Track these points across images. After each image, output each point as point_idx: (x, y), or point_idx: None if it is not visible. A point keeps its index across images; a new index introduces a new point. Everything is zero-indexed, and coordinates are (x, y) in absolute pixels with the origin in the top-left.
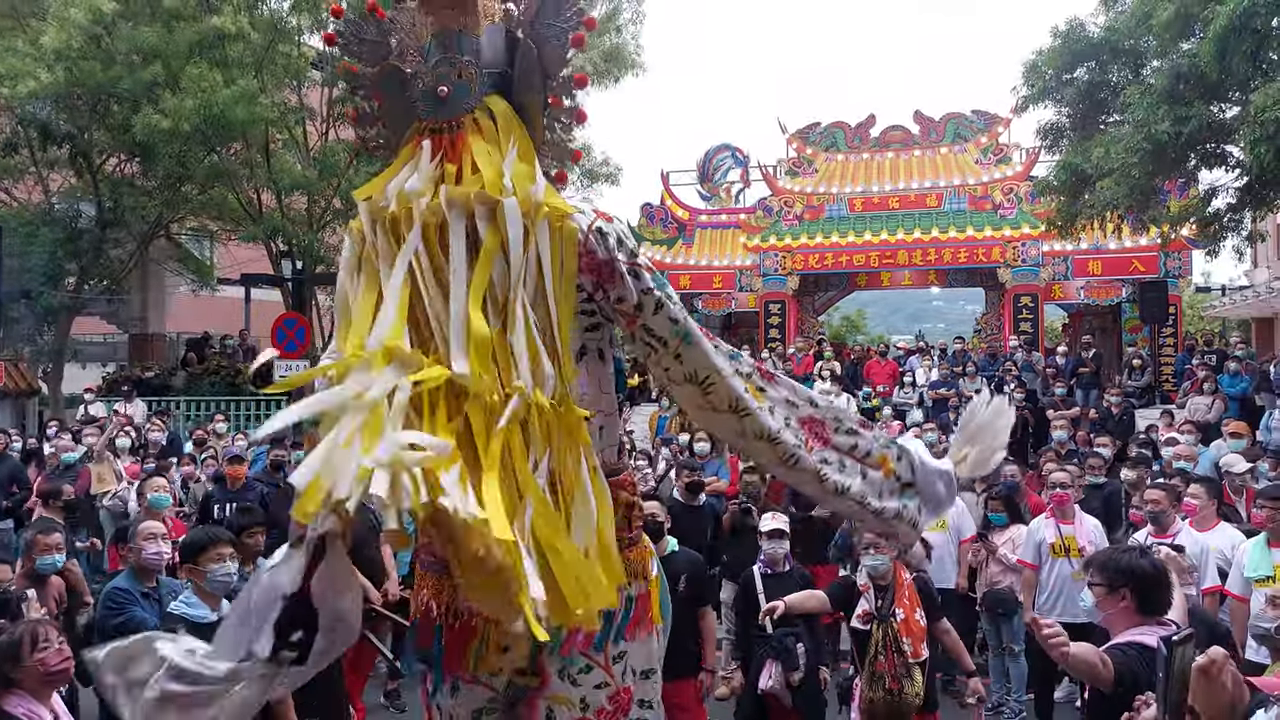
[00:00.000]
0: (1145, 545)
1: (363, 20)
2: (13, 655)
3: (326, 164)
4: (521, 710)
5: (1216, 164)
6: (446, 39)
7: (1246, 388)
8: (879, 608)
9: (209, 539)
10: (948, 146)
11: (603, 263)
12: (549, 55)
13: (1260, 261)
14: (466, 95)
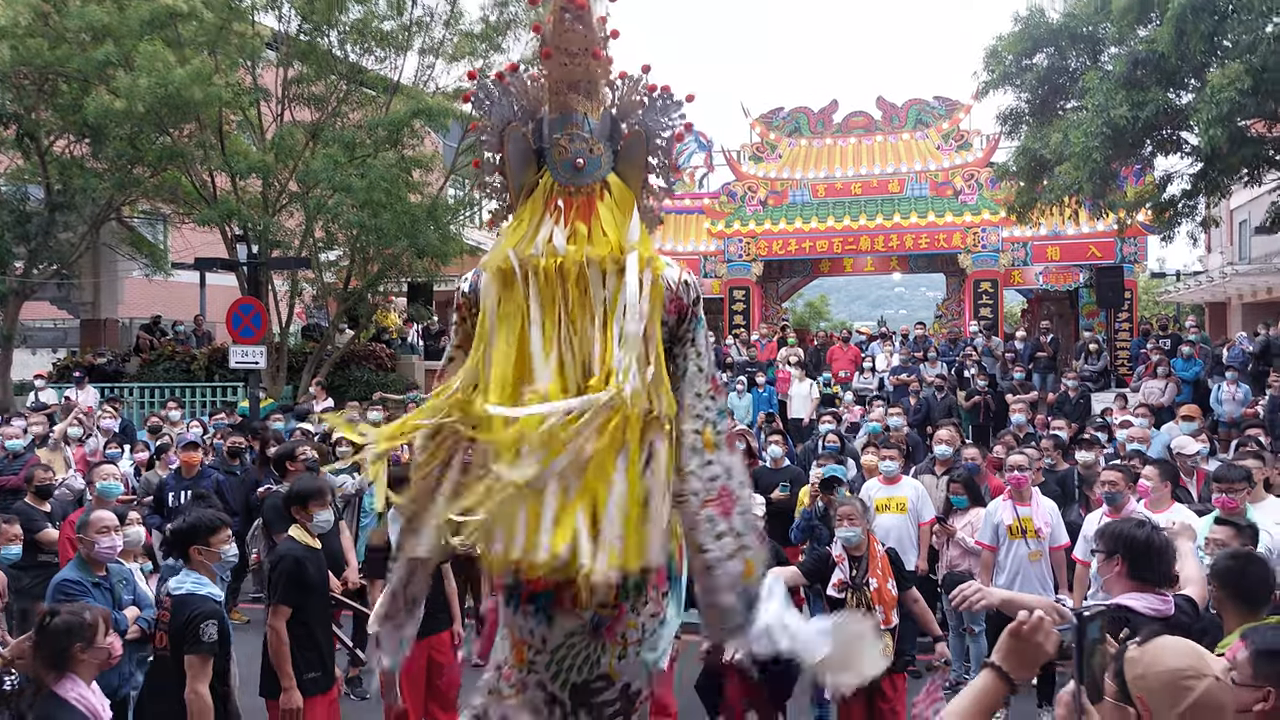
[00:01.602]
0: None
1: (491, 84)
2: (87, 637)
3: (282, 147)
4: (606, 631)
5: (1172, 150)
6: (572, 117)
7: (1199, 371)
8: (854, 577)
9: (219, 521)
10: (909, 132)
11: (685, 306)
12: (655, 145)
13: (1214, 247)
14: (597, 168)
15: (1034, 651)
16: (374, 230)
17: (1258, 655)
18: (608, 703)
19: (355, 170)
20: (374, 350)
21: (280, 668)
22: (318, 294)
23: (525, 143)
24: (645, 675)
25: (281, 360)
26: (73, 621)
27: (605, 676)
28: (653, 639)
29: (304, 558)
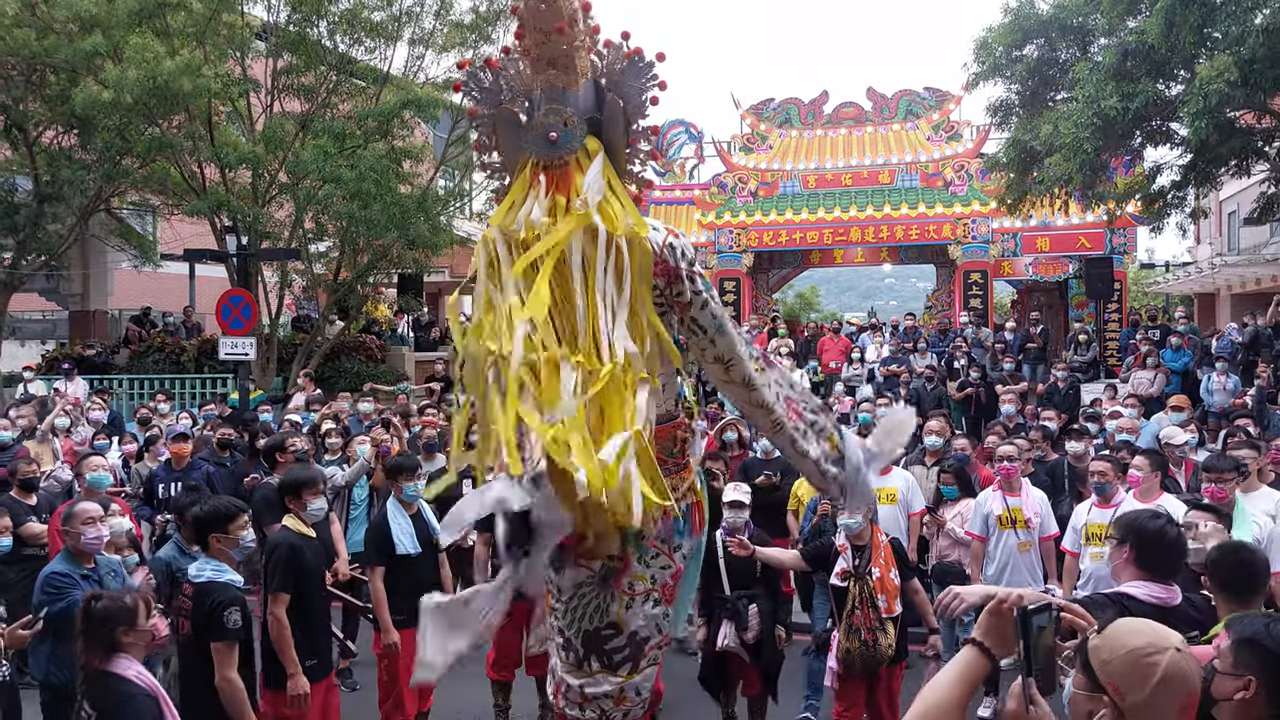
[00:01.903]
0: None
1: (480, 70)
2: (130, 620)
3: (272, 138)
4: (613, 582)
5: (1161, 141)
6: (553, 93)
7: (1188, 362)
8: (857, 566)
9: (237, 509)
10: (900, 123)
11: (672, 269)
12: (632, 108)
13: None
14: (570, 140)
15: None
16: (364, 221)
17: (1238, 643)
18: (617, 649)
19: (345, 161)
20: (364, 341)
21: (284, 654)
22: (307, 285)
23: (516, 122)
24: (655, 626)
25: (271, 352)
26: (114, 607)
27: (614, 625)
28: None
29: (299, 545)
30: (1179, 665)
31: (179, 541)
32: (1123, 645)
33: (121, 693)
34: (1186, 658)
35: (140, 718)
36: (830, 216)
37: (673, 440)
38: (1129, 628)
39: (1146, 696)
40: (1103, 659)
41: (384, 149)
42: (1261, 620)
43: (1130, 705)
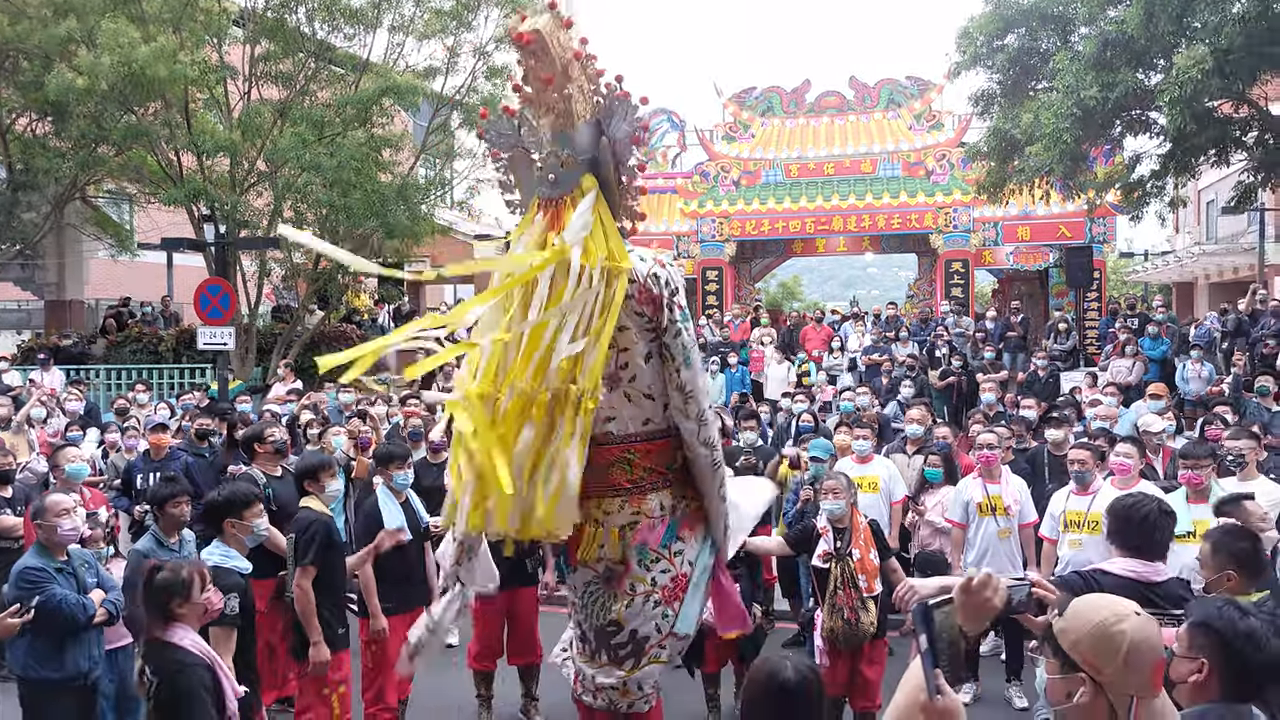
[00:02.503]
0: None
1: (500, 118)
2: (184, 592)
3: (249, 125)
4: (615, 583)
5: (1141, 131)
6: (557, 135)
7: (1166, 350)
8: (838, 548)
9: (252, 495)
10: (882, 112)
11: (655, 297)
12: (618, 148)
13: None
14: (567, 180)
15: (983, 605)
16: (343, 210)
17: (1192, 626)
18: (620, 645)
19: (324, 149)
20: (344, 331)
21: (308, 624)
22: (287, 274)
23: (530, 164)
24: (655, 626)
25: (250, 341)
26: (170, 579)
27: (615, 622)
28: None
29: (329, 523)
30: (1143, 629)
31: (156, 533)
32: (1086, 621)
33: (177, 661)
34: (1148, 621)
35: (195, 686)
36: (812, 205)
37: (674, 455)
38: (1087, 604)
39: (1121, 665)
40: (1071, 640)
41: (363, 137)
42: (1216, 603)
43: (1108, 678)
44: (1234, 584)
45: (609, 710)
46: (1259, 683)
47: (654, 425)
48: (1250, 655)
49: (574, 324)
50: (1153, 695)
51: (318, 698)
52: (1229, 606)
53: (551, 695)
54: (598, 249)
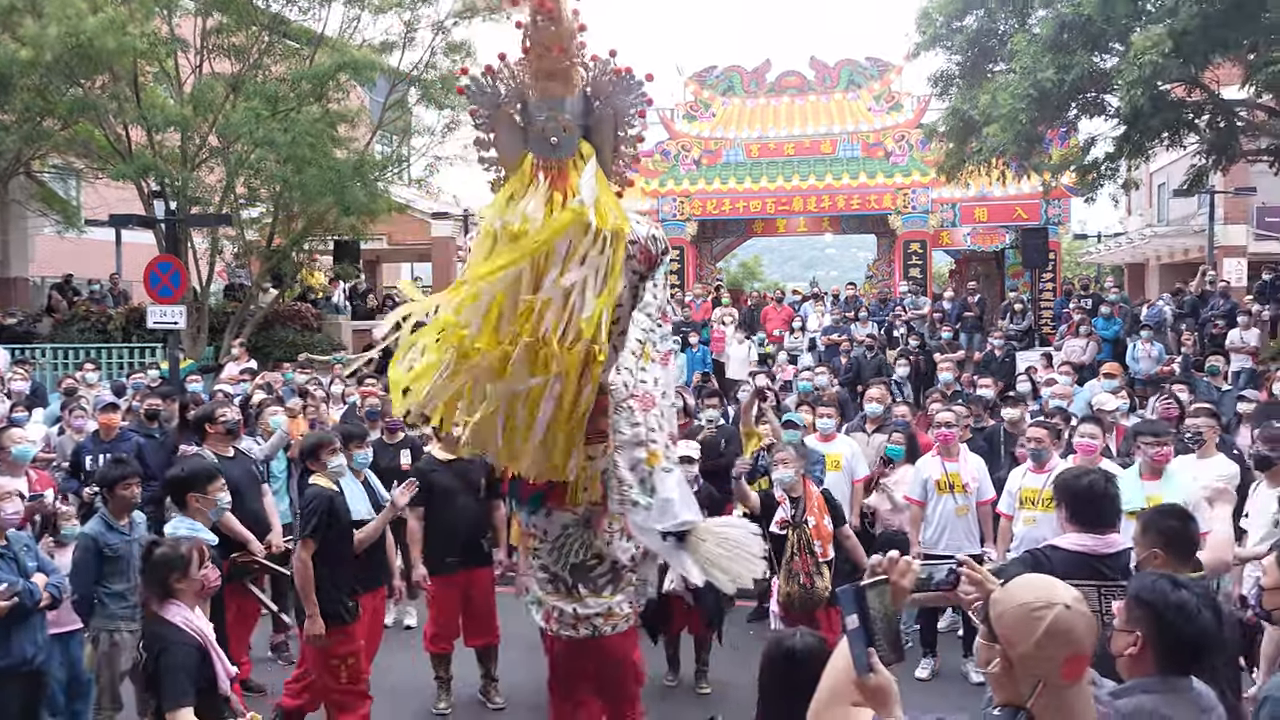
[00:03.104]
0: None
1: (482, 76)
2: (182, 568)
3: (201, 99)
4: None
5: (1096, 113)
6: (553, 101)
7: (1119, 330)
8: (793, 516)
9: (216, 470)
10: (842, 93)
11: (653, 256)
12: (622, 120)
13: (1133, 209)
14: (570, 144)
15: (895, 590)
16: (298, 186)
17: (1128, 600)
18: (601, 575)
19: (278, 124)
20: (299, 310)
21: (305, 596)
22: (239, 252)
23: (513, 123)
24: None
25: (202, 320)
26: (169, 555)
27: (598, 556)
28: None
29: (334, 497)
30: (1064, 621)
31: (105, 515)
32: (1015, 599)
33: (164, 638)
34: (1076, 615)
35: (175, 663)
36: (773, 186)
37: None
38: (1024, 583)
39: (1032, 648)
40: (998, 612)
41: (318, 112)
42: (1151, 577)
43: (1018, 655)
44: (1161, 562)
45: (593, 637)
46: (1193, 655)
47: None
48: (1181, 627)
49: (593, 283)
50: (1061, 684)
51: (324, 668)
52: (1162, 580)
53: (511, 676)
54: (608, 212)
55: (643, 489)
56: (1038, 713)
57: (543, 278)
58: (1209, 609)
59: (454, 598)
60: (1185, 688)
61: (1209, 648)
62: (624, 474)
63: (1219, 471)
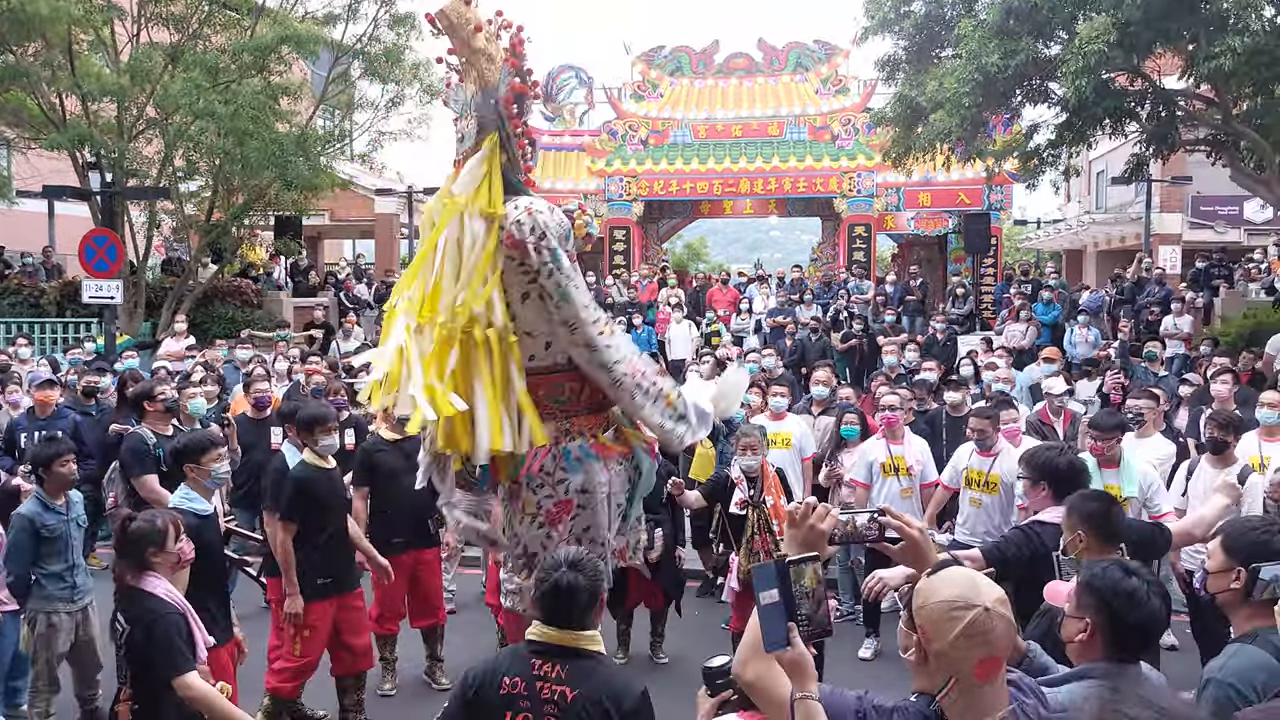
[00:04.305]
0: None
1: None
2: (159, 541)
3: (138, 69)
4: (514, 502)
5: (1039, 100)
6: (473, 99)
7: (1058, 315)
8: (752, 496)
9: (210, 441)
10: (789, 75)
11: (519, 242)
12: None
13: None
14: (468, 141)
15: (811, 534)
16: (239, 160)
17: (1079, 586)
18: (518, 556)
19: (219, 96)
20: (239, 286)
21: (285, 575)
22: (178, 226)
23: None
24: (539, 544)
25: (139, 296)
26: (145, 528)
27: (515, 536)
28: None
29: (311, 477)
30: (981, 623)
31: (40, 495)
32: (938, 594)
33: (151, 610)
34: (995, 617)
35: (169, 633)
36: (720, 167)
37: (561, 389)
38: (950, 579)
39: (947, 646)
40: (920, 603)
41: (260, 85)
42: (1101, 564)
43: (934, 650)
44: (1085, 544)
45: (513, 611)
46: (1142, 641)
47: (538, 362)
48: (1128, 614)
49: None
50: (974, 683)
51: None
52: (1113, 567)
53: (457, 657)
54: (478, 199)
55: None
56: (947, 708)
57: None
58: (1157, 596)
59: (400, 579)
60: (1134, 674)
61: (1158, 634)
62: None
63: (1158, 452)
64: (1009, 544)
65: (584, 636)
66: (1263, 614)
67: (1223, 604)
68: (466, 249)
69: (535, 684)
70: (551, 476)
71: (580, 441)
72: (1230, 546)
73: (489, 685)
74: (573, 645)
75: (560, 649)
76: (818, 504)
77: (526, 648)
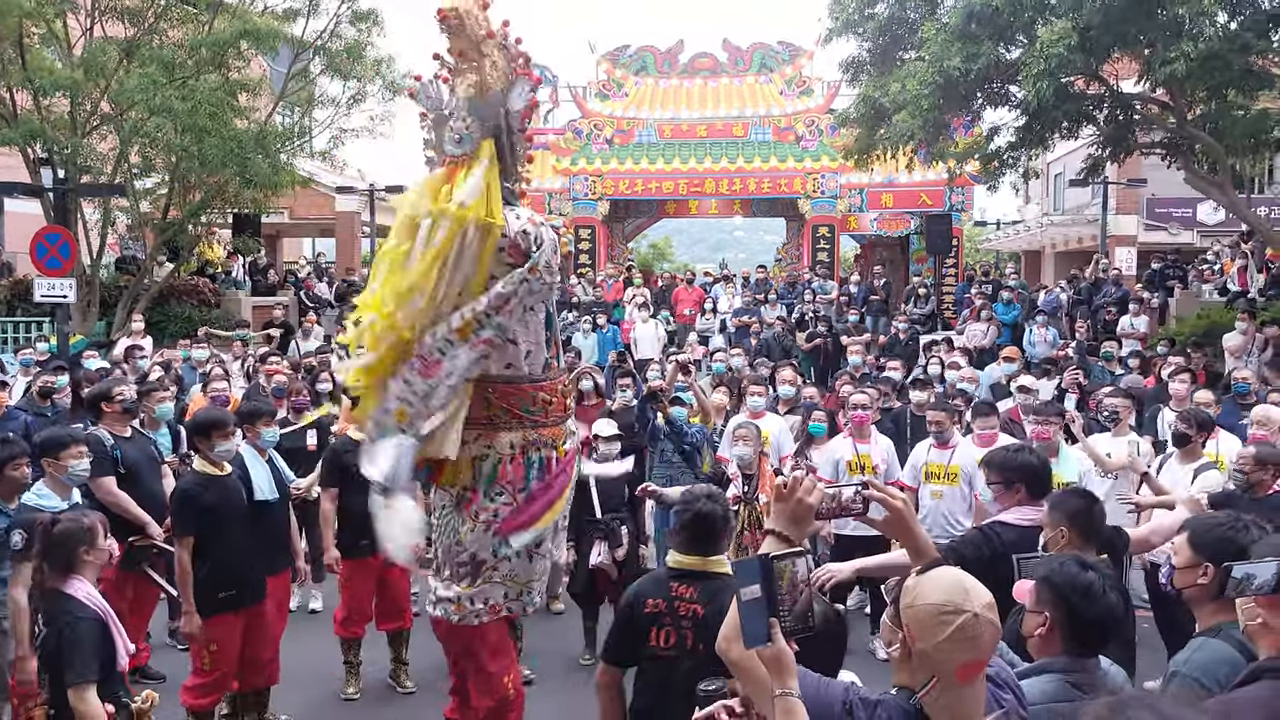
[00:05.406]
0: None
1: (430, 82)
2: (88, 541)
3: (92, 63)
4: (463, 508)
5: (1000, 103)
6: (470, 104)
7: (1018, 315)
8: (745, 492)
9: (70, 438)
10: (754, 76)
11: (524, 252)
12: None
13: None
14: (467, 144)
15: (799, 509)
16: (197, 157)
17: (1038, 582)
18: (462, 564)
19: (176, 92)
20: (196, 285)
21: (181, 592)
22: (133, 224)
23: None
24: (491, 551)
25: (93, 294)
26: (74, 528)
27: (460, 543)
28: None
29: (197, 489)
30: (970, 628)
31: None
32: (926, 597)
33: (68, 612)
34: (983, 623)
35: (83, 640)
36: (685, 167)
37: (531, 399)
38: (940, 582)
39: (932, 648)
40: (908, 602)
41: (218, 81)
42: (1058, 559)
43: (919, 650)
44: (1066, 540)
45: (444, 619)
46: (1100, 635)
47: (514, 370)
48: (1085, 609)
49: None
50: (955, 684)
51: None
52: (1070, 562)
53: (420, 660)
54: (480, 209)
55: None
56: (928, 705)
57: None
58: (1114, 590)
59: (367, 581)
60: (1092, 667)
61: (1115, 628)
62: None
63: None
64: (967, 544)
65: (713, 561)
66: (1227, 609)
67: (1189, 599)
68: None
69: (674, 603)
70: (514, 485)
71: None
72: (1197, 543)
73: (638, 606)
74: (703, 569)
75: (694, 573)
76: (805, 477)
77: (666, 573)
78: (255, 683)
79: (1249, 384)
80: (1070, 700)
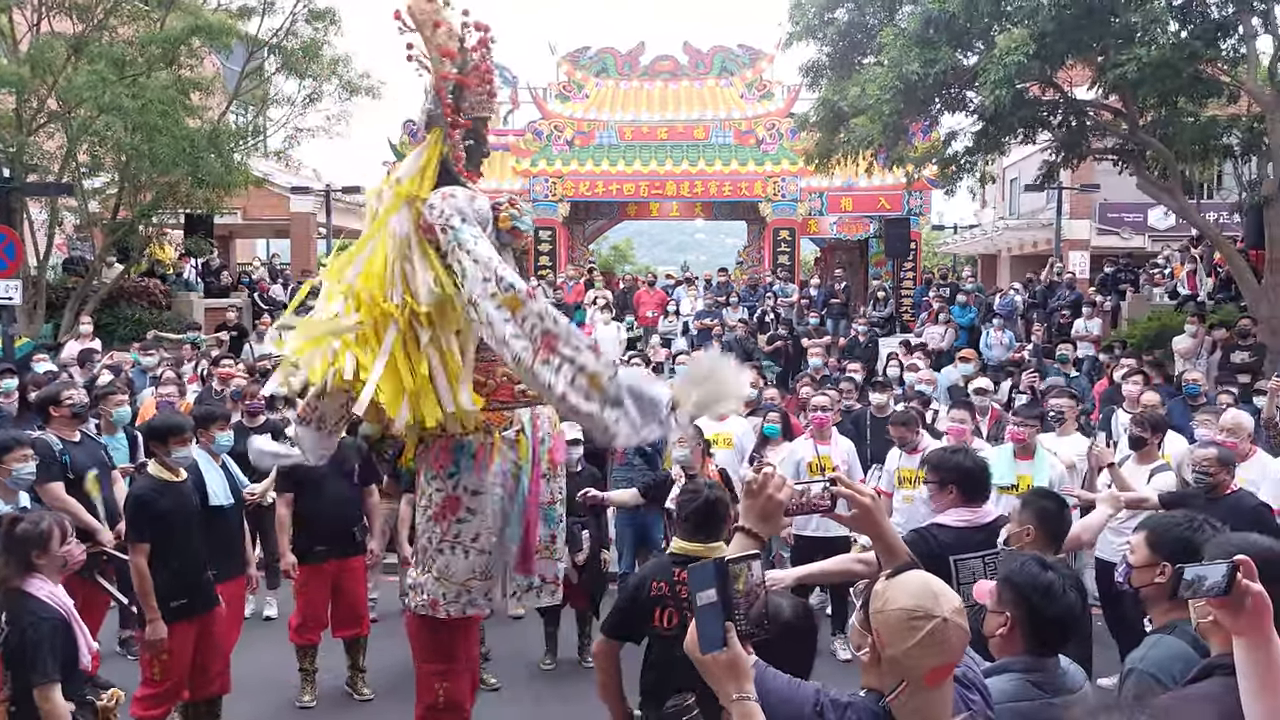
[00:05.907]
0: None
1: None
2: (42, 544)
3: (39, 59)
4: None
5: (958, 109)
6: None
7: (974, 318)
8: None
9: (14, 441)
10: (715, 79)
11: (430, 225)
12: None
13: (987, 203)
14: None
15: (769, 505)
16: (148, 156)
17: (999, 582)
18: (418, 549)
19: (126, 90)
20: (147, 286)
21: (143, 600)
22: (81, 224)
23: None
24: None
25: (39, 296)
26: (30, 530)
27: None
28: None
29: (151, 495)
30: (939, 634)
31: None
32: (896, 602)
33: (31, 612)
34: (952, 628)
35: (42, 639)
36: (646, 169)
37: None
38: (910, 587)
39: (902, 653)
40: (877, 608)
41: (169, 79)
42: (1019, 559)
43: (887, 655)
44: (1031, 539)
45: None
46: (1060, 634)
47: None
48: (1045, 608)
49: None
50: (924, 687)
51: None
52: (1030, 562)
53: (378, 665)
54: (411, 186)
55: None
56: (896, 709)
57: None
58: (1074, 589)
59: (323, 587)
60: (1052, 667)
61: (1075, 627)
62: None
63: (1077, 448)
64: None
65: (714, 547)
66: (1181, 607)
67: (1145, 597)
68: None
69: (676, 587)
70: (444, 470)
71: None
72: (1155, 542)
73: (644, 588)
74: (704, 555)
75: (696, 558)
76: (774, 474)
77: (669, 558)
78: (207, 692)
79: (1199, 385)
80: (1031, 699)
